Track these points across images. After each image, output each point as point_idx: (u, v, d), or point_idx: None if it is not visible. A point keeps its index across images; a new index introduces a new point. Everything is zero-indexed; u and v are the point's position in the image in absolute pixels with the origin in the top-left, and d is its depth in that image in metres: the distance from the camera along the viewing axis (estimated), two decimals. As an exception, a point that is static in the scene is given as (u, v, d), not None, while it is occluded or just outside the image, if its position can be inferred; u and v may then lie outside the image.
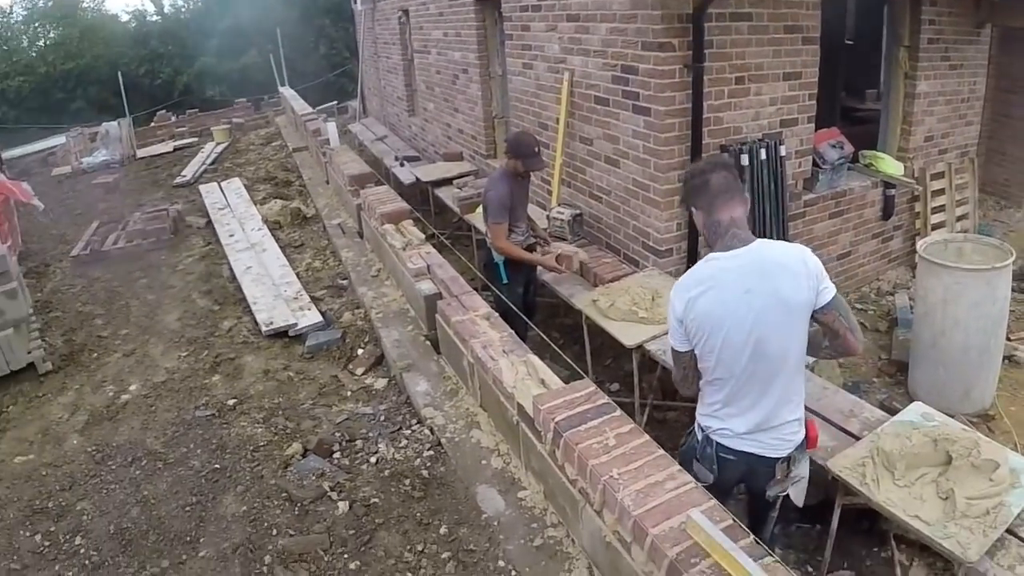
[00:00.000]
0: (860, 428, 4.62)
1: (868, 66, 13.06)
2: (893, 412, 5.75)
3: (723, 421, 3.41)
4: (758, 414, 3.33)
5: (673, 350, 3.46)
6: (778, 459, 3.44)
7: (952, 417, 5.28)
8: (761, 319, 3.16)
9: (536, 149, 6.12)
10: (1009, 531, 3.63)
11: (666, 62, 6.17)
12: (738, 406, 3.35)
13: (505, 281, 6.27)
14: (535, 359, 4.59)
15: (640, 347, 5.57)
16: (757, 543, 2.84)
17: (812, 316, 3.24)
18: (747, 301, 3.15)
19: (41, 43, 30.05)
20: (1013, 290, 6.41)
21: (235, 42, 28.28)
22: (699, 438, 3.54)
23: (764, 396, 3.31)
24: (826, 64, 7.24)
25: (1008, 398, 6.58)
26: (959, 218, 9.14)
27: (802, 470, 3.57)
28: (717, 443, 3.44)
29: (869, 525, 4.90)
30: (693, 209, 3.39)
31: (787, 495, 3.63)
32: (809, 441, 3.56)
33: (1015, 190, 10.79)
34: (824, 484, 4.78)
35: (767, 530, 3.76)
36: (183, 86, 28.12)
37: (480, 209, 8.24)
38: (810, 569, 4.93)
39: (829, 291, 3.21)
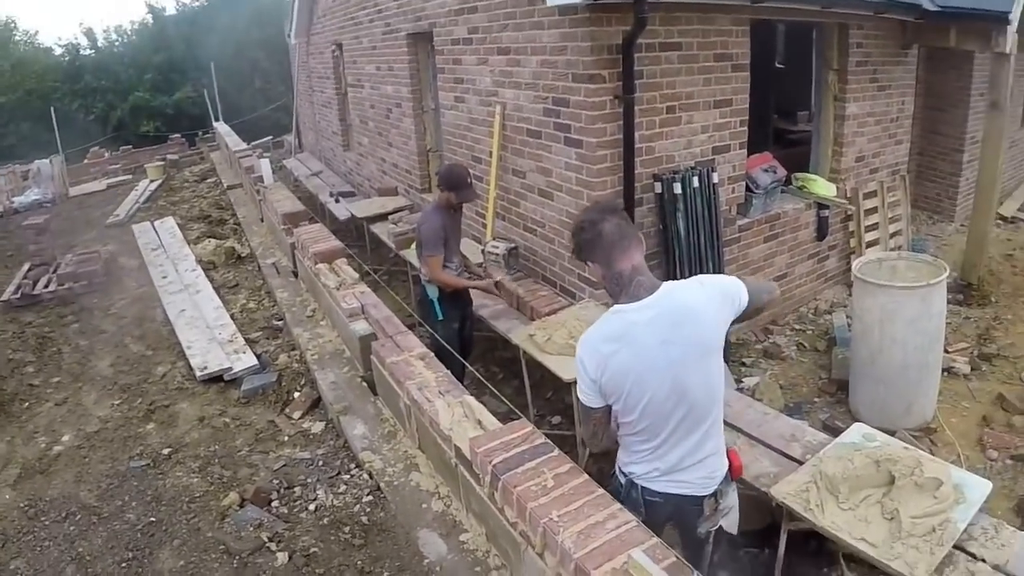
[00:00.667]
0: (802, 452, 4.64)
1: (799, 89, 13.28)
2: (836, 432, 5.80)
3: (647, 465, 3.35)
4: (680, 454, 3.30)
5: (583, 407, 3.34)
6: (705, 496, 3.40)
7: (894, 433, 5.34)
8: (682, 369, 3.12)
9: (468, 181, 6.13)
10: (957, 547, 3.65)
11: (597, 93, 6.20)
12: (663, 452, 3.30)
13: (440, 318, 6.24)
14: (471, 400, 4.53)
15: (577, 380, 5.55)
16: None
17: (739, 319, 3.29)
18: (665, 353, 3.08)
19: (-30, 78, 29.57)
20: (949, 302, 6.49)
21: (170, 76, 28.07)
22: (622, 482, 3.50)
23: (689, 439, 3.28)
24: (757, 89, 7.36)
25: (949, 410, 6.67)
26: (893, 234, 9.30)
27: (730, 500, 3.52)
28: (642, 487, 3.40)
29: (817, 546, 4.89)
30: (588, 263, 3.23)
31: (720, 527, 3.57)
32: (733, 471, 3.53)
33: (946, 204, 11.09)
34: (769, 509, 4.78)
35: (704, 565, 3.71)
36: (117, 121, 27.73)
37: (414, 245, 8.23)
38: (758, 594, 4.93)
39: (739, 288, 3.26)
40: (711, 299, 3.18)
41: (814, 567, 4.89)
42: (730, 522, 3.57)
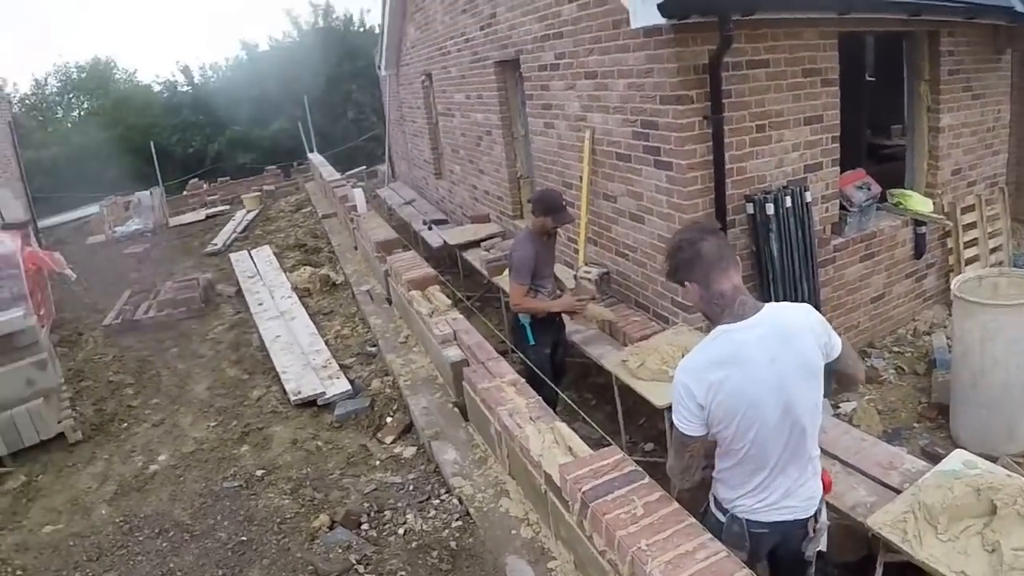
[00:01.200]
0: (900, 481, 4.49)
1: (892, 101, 12.98)
2: (936, 459, 5.62)
3: (752, 497, 3.26)
4: (788, 481, 3.22)
5: (681, 435, 3.17)
6: (808, 518, 3.33)
7: (997, 459, 5.14)
8: (792, 389, 3.03)
9: (563, 203, 6.09)
10: None
11: (685, 115, 6.15)
12: (768, 480, 3.21)
13: (532, 343, 6.19)
14: (562, 426, 4.51)
15: (671, 407, 5.48)
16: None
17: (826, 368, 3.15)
18: (776, 372, 3.00)
19: (76, 114, 30.70)
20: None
21: (264, 110, 28.68)
22: (721, 519, 3.38)
23: (793, 463, 3.20)
24: (848, 103, 7.20)
25: (1056, 435, 6.42)
26: (992, 250, 8.97)
27: (824, 518, 3.46)
28: (746, 520, 3.29)
29: None
30: (686, 284, 3.13)
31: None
32: (825, 487, 3.44)
33: (1047, 216, 10.61)
34: (865, 539, 4.67)
35: None
36: (214, 154, 28.50)
37: (506, 271, 8.23)
38: (853, 628, 4.80)
39: (837, 341, 3.16)
40: (812, 325, 3.12)
41: (914, 600, 4.77)
42: (824, 541, 3.50)
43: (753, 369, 2.99)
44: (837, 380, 3.33)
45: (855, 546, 5.02)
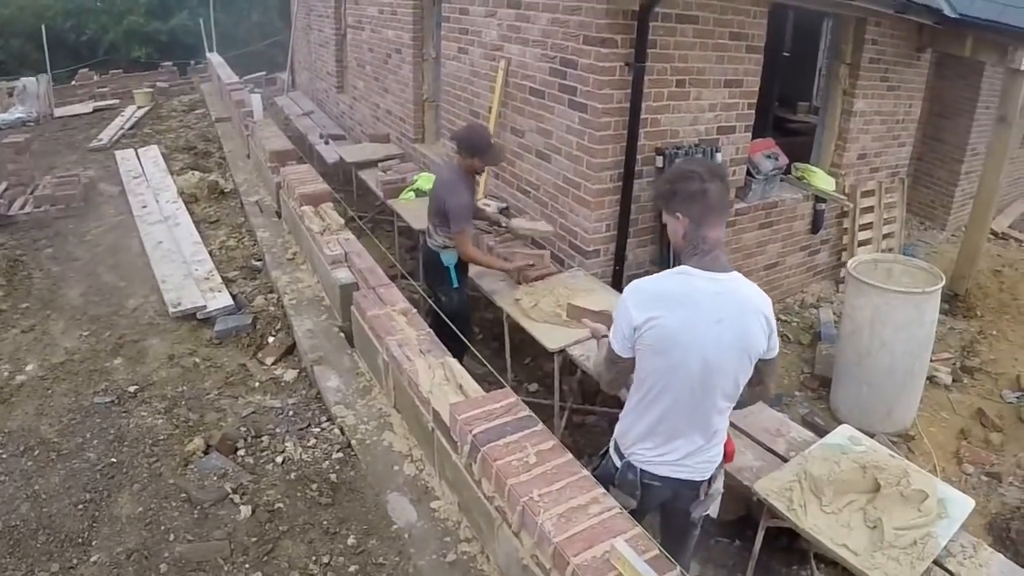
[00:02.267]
0: (786, 448, 4.58)
1: (801, 79, 13.21)
2: (815, 429, 5.77)
3: (652, 449, 3.25)
4: (690, 445, 3.21)
5: (612, 353, 3.18)
6: (702, 481, 3.34)
7: (873, 436, 5.28)
8: (723, 354, 3.04)
9: (491, 142, 5.86)
10: (936, 562, 3.61)
11: (607, 58, 6.06)
12: (670, 434, 3.20)
13: (455, 285, 6.03)
14: (454, 362, 4.40)
15: (562, 351, 5.42)
16: (683, 574, 2.72)
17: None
18: (717, 332, 2.99)
19: (-38, -9, 28.92)
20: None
21: (166, 3, 27.49)
22: (617, 464, 3.37)
23: (699, 429, 3.19)
24: (763, 74, 7.19)
25: (928, 419, 6.68)
26: (885, 235, 9.27)
27: (719, 485, 3.49)
28: (641, 469, 3.28)
29: (788, 543, 4.88)
30: (678, 215, 3.07)
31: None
32: (727, 456, 3.47)
33: (940, 212, 11.11)
34: (745, 500, 4.72)
35: (689, 549, 3.68)
36: (109, 44, 27.07)
37: (403, 195, 8.04)
38: (729, 585, 4.87)
39: (776, 345, 3.16)
40: (768, 315, 3.11)
41: (784, 564, 4.86)
42: (715, 507, 3.55)
43: (697, 319, 2.98)
44: (750, 387, 3.31)
45: (734, 506, 5.12)
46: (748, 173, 7.57)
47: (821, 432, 5.22)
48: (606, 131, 6.29)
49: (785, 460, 4.43)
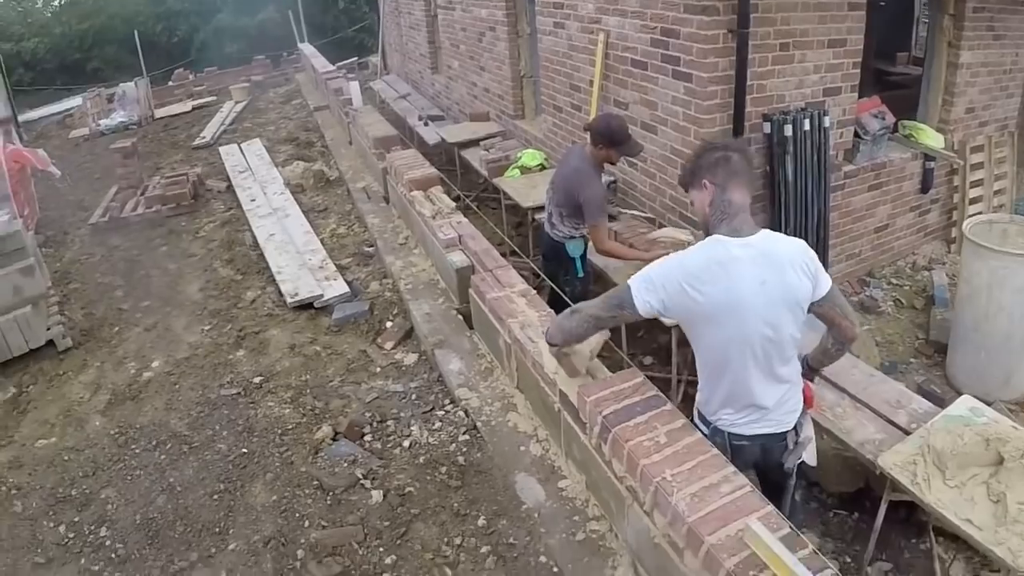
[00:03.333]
0: (908, 421, 4.49)
1: (900, 28, 12.80)
2: (932, 398, 5.63)
3: (734, 413, 3.34)
4: (769, 400, 3.28)
5: (627, 299, 3.18)
6: (787, 431, 3.41)
7: (991, 404, 5.14)
8: (776, 311, 3.12)
9: (629, 132, 5.55)
10: None
11: (710, 26, 5.96)
12: (747, 398, 3.28)
13: (580, 275, 5.96)
14: (577, 344, 4.39)
15: (677, 324, 5.39)
16: (816, 553, 2.70)
17: (810, 308, 3.20)
18: (765, 292, 3.08)
19: (56, 3, 29.69)
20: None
21: (252, -3, 27.95)
22: (704, 431, 3.44)
23: (772, 385, 3.26)
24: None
25: (1048, 385, 6.42)
26: (996, 192, 8.94)
27: (808, 431, 3.56)
28: (728, 432, 3.38)
29: (907, 515, 4.79)
30: (705, 183, 3.21)
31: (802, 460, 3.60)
32: (807, 401, 3.54)
33: (1052, 166, 10.59)
34: (863, 472, 4.66)
35: (788, 499, 3.71)
36: (200, 43, 27.65)
37: (507, 172, 8.02)
38: (847, 559, 4.83)
39: (826, 283, 3.22)
40: (805, 260, 3.16)
41: (902, 536, 4.79)
42: (809, 454, 3.59)
43: (740, 284, 3.06)
44: (829, 331, 3.39)
45: (852, 478, 5.05)
46: (855, 135, 7.38)
47: (940, 402, 5.11)
48: (712, 100, 6.20)
49: (907, 433, 4.34)
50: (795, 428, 3.43)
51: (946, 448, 3.93)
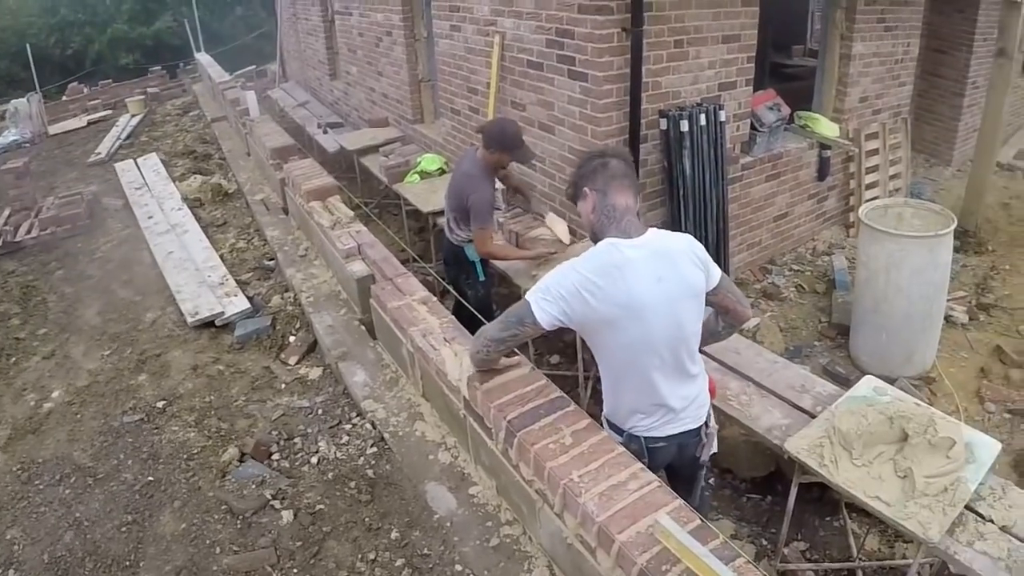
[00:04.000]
0: (812, 404, 4.59)
1: (795, 22, 13.11)
2: (837, 378, 5.79)
3: (646, 418, 3.35)
4: (681, 399, 3.33)
5: (527, 313, 3.18)
6: (700, 426, 3.47)
7: (894, 381, 5.30)
8: (677, 308, 3.15)
9: (522, 137, 5.64)
10: (967, 507, 3.64)
11: (604, 26, 6.03)
12: (657, 400, 3.30)
13: (482, 278, 5.99)
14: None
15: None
16: (727, 543, 2.74)
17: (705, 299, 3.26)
18: (663, 291, 3.10)
19: (-57, 15, 28.79)
20: (951, 252, 6.44)
21: (148, 6, 27.39)
22: (618, 438, 3.45)
23: (685, 382, 3.32)
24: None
25: (947, 360, 6.70)
26: (892, 176, 9.27)
27: (713, 422, 3.62)
28: (644, 437, 3.38)
29: (819, 494, 4.93)
30: (586, 191, 3.25)
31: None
32: (711, 393, 3.60)
33: (944, 148, 11.09)
34: (773, 456, 4.76)
35: (695, 498, 3.74)
36: (95, 55, 27.04)
37: (407, 178, 8.02)
38: (764, 542, 4.92)
39: (716, 272, 3.29)
40: (695, 251, 3.23)
41: (816, 515, 4.91)
42: (713, 443, 3.66)
43: (638, 284, 3.07)
44: (722, 316, 3.48)
45: (763, 463, 5.17)
46: (752, 127, 7.53)
47: (844, 382, 5.24)
48: (608, 99, 6.27)
49: (812, 416, 4.45)
50: (705, 421, 3.50)
51: (851, 429, 4.02)
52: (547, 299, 3.12)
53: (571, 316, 3.13)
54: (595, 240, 3.24)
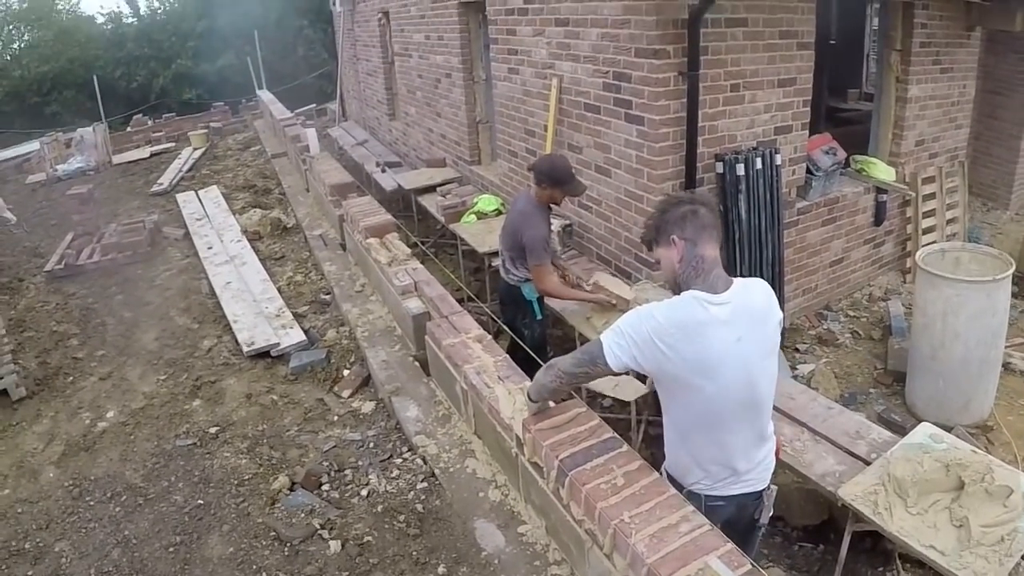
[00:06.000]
0: (867, 451, 4.53)
1: (850, 66, 13.06)
2: (893, 426, 5.70)
3: (710, 478, 3.27)
4: (752, 461, 3.25)
5: (600, 355, 3.10)
6: (764, 489, 3.37)
7: (951, 429, 5.21)
8: (752, 367, 3.06)
9: (572, 171, 5.69)
10: None
11: (661, 69, 6.05)
12: (727, 462, 3.22)
13: (539, 317, 5.96)
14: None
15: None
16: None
17: None
18: (740, 351, 2.99)
19: (15, 46, 29.48)
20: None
21: (212, 44, 27.85)
22: (684, 494, 3.33)
23: (759, 444, 3.25)
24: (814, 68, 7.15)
25: (1006, 407, 6.55)
26: (949, 221, 9.14)
27: (772, 484, 3.48)
28: (705, 495, 3.29)
29: (872, 545, 4.82)
30: (674, 239, 3.09)
31: None
32: (775, 455, 3.49)
33: (1002, 191, 10.90)
34: (827, 504, 4.69)
35: (752, 553, 3.57)
36: (159, 89, 27.63)
37: (464, 218, 8.06)
38: (814, 591, 4.84)
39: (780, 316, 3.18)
40: (773, 305, 3.16)
41: (869, 566, 4.81)
42: (770, 505, 3.53)
43: (716, 343, 2.97)
44: None
45: (816, 510, 5.08)
46: (808, 171, 7.49)
47: (900, 430, 5.16)
48: (664, 142, 6.27)
49: (867, 463, 4.40)
50: (768, 486, 3.39)
51: (906, 476, 3.98)
52: (619, 342, 3.04)
53: (641, 363, 3.03)
54: (676, 290, 3.14)
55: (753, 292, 3.12)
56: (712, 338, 2.95)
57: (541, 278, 5.63)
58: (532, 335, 5.87)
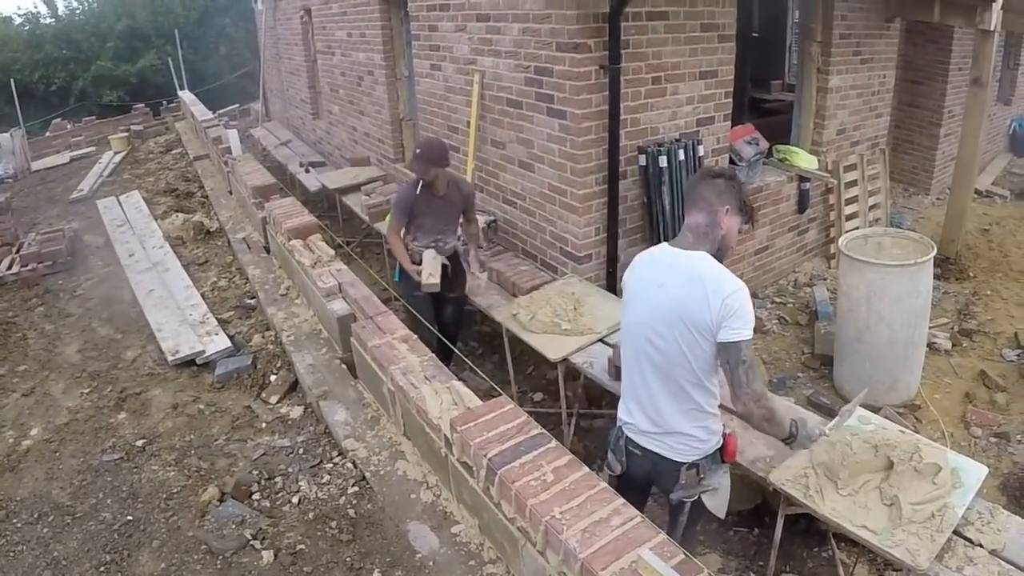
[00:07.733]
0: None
1: (773, 57, 13.24)
2: (822, 409, 5.78)
3: (630, 415, 3.47)
4: (656, 414, 3.37)
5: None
6: (683, 464, 3.40)
7: (879, 410, 5.30)
8: (660, 315, 3.26)
9: (416, 150, 6.01)
10: (955, 532, 3.62)
11: (582, 63, 6.06)
12: (637, 399, 3.46)
13: (397, 279, 6.25)
14: (459, 385, 4.37)
15: (565, 359, 5.43)
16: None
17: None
18: (655, 292, 3.28)
19: (-74, 49, 28.69)
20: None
21: (133, 44, 27.35)
22: (617, 428, 3.59)
23: (659, 397, 3.35)
24: (736, 58, 7.21)
25: (932, 386, 6.70)
26: (872, 207, 9.33)
27: (717, 480, 3.53)
28: (627, 436, 3.50)
29: (807, 526, 4.90)
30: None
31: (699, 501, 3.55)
32: (727, 454, 3.54)
33: (923, 177, 11.18)
34: (760, 488, 4.73)
35: (676, 533, 3.60)
36: (79, 91, 26.98)
37: (388, 217, 8.02)
38: (752, 575, 4.87)
39: (730, 333, 3.15)
40: (724, 294, 3.16)
41: (804, 547, 4.89)
42: (717, 504, 3.58)
43: (644, 282, 3.40)
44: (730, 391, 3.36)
45: (750, 495, 5.13)
46: (731, 161, 7.59)
47: (829, 413, 5.22)
48: (587, 136, 6.29)
49: (797, 447, 4.43)
50: (696, 469, 3.42)
51: (836, 458, 4.00)
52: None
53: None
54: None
55: (704, 264, 3.27)
56: (644, 274, 3.45)
57: (389, 234, 6.13)
58: (399, 294, 6.29)
